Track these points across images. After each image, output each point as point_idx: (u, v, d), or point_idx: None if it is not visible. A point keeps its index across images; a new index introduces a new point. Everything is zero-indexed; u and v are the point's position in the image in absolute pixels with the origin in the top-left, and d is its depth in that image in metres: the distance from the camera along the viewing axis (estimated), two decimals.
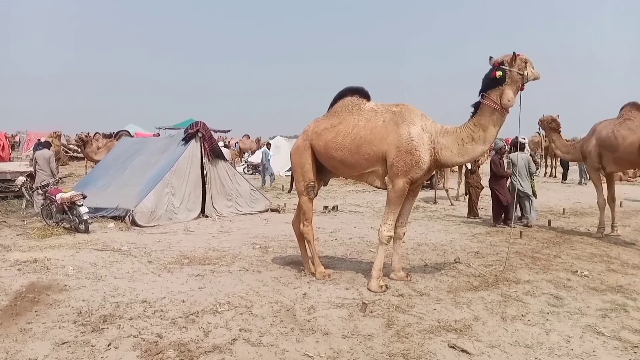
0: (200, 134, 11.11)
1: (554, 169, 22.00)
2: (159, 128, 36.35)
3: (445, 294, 5.57)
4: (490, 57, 5.34)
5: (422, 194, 16.20)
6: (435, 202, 14.06)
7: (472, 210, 11.45)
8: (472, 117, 5.46)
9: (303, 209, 6.24)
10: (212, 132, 12.11)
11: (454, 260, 7.06)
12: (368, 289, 5.66)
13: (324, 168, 6.21)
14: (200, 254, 7.50)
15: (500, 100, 5.23)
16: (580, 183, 18.84)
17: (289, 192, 6.22)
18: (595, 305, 5.20)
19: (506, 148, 11.62)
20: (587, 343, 4.23)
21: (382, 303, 5.23)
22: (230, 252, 7.68)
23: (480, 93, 5.41)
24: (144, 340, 4.25)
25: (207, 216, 11.07)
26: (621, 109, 8.94)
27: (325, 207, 12.44)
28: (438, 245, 8.26)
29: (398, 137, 5.44)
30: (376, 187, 5.85)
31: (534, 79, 5.29)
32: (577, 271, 6.53)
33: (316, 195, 6.46)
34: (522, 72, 5.18)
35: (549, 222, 10.46)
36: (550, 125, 10.06)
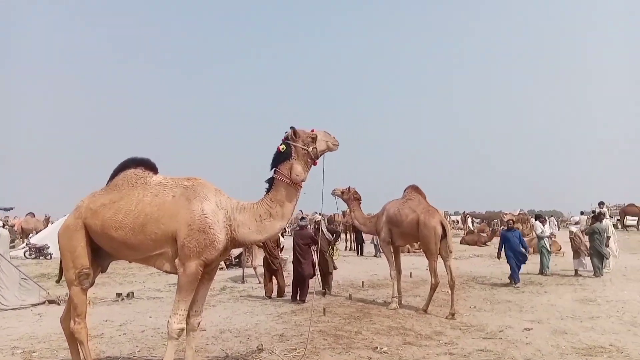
0: None
1: (352, 243, 23.44)
2: None
3: None
4: (291, 127, 5.23)
5: (230, 272, 15.63)
6: (243, 281, 13.54)
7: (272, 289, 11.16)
8: (267, 192, 5.21)
9: (74, 303, 5.13)
10: None
11: (257, 347, 6.53)
12: None
13: (101, 251, 5.27)
14: None
15: (290, 175, 5.12)
16: (375, 256, 20.30)
17: (58, 282, 5.05)
18: None
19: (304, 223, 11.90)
20: None
21: None
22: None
23: (272, 168, 5.24)
24: None
25: None
26: (404, 191, 10.01)
27: (119, 295, 10.94)
28: (242, 331, 7.66)
29: (190, 213, 4.89)
30: (165, 271, 5.11)
31: (327, 151, 5.28)
32: (377, 347, 6.53)
33: (92, 285, 5.41)
34: (306, 148, 5.17)
35: (350, 295, 10.74)
36: (355, 196, 10.63)
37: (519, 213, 44.36)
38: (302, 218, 12.27)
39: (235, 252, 16.96)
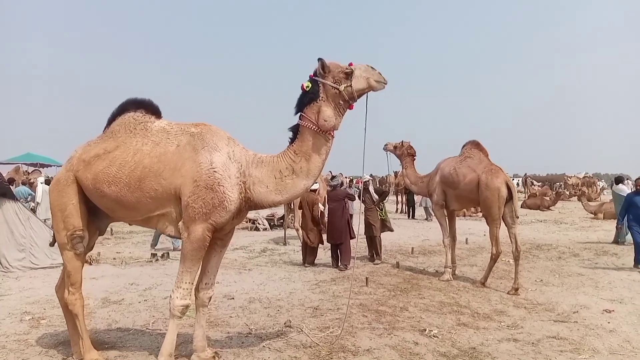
0: None
1: (404, 205, 22.28)
2: None
3: None
4: (319, 59, 4.11)
5: (273, 233, 14.97)
6: (285, 243, 12.81)
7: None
8: (291, 143, 4.21)
9: (67, 270, 4.42)
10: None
11: (285, 324, 5.68)
12: None
13: (99, 210, 4.48)
14: None
15: (317, 120, 4.07)
16: (427, 219, 19.10)
17: (52, 245, 4.28)
18: None
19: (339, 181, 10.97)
20: None
21: None
22: None
23: (296, 112, 4.20)
24: None
25: None
26: (463, 147, 8.80)
27: (153, 255, 10.46)
28: (273, 301, 6.86)
29: (196, 166, 3.99)
30: (169, 235, 4.28)
31: (369, 91, 4.13)
32: (425, 330, 5.53)
33: (91, 249, 4.71)
34: (337, 86, 4.06)
35: (397, 263, 9.72)
36: (409, 151, 9.49)
37: (584, 176, 41.52)
38: (333, 177, 11.18)
39: (280, 212, 16.32)
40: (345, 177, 11.30)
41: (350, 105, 4.12)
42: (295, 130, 4.17)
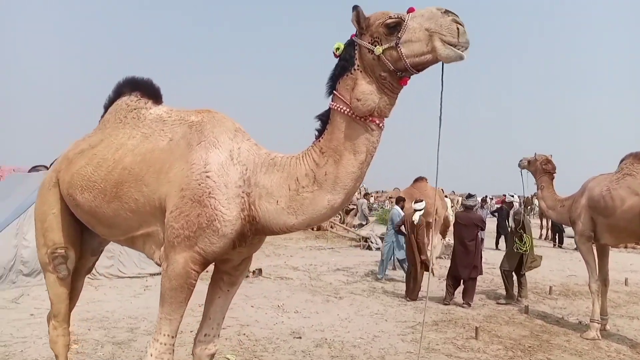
0: None
1: (548, 230, 19.10)
2: None
3: None
4: (355, 7, 2.52)
5: None
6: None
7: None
8: (318, 138, 2.79)
9: (50, 297, 3.51)
10: None
11: None
12: None
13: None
14: None
15: (351, 100, 2.59)
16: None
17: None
18: None
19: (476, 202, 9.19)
20: None
21: None
22: (11, 349, 4.92)
23: (329, 91, 2.74)
24: None
25: None
26: (621, 162, 6.54)
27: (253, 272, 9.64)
28: (347, 347, 5.44)
29: (187, 169, 2.78)
30: (157, 264, 3.10)
31: (434, 62, 2.45)
32: None
33: (88, 271, 3.78)
34: (372, 48, 2.47)
35: (526, 307, 7.61)
36: (545, 167, 7.46)
37: None
38: (470, 196, 9.20)
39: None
40: (513, 195, 9.90)
41: (403, 79, 2.56)
42: (325, 118, 2.74)
